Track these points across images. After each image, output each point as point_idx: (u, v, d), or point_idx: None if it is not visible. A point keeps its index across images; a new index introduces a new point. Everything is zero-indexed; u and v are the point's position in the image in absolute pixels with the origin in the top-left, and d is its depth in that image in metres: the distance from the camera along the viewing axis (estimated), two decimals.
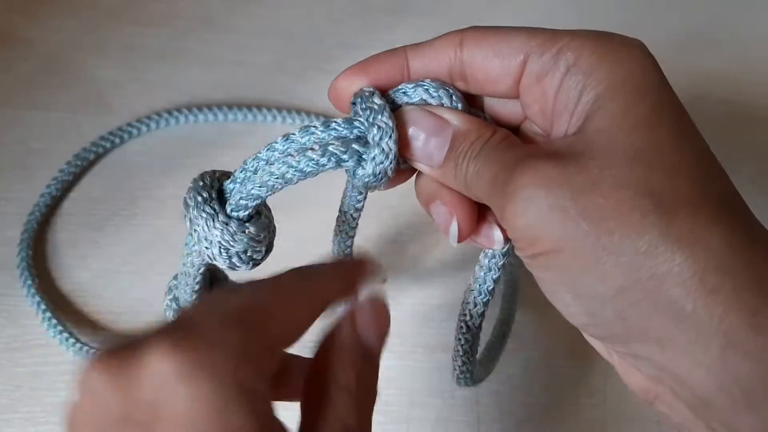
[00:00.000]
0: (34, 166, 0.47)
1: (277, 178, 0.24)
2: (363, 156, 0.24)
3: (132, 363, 0.17)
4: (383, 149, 0.24)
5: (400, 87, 0.25)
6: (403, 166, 0.25)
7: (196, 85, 0.52)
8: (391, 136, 0.24)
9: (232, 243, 0.24)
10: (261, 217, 0.25)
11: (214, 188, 0.25)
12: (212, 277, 0.28)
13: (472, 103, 0.26)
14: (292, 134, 0.24)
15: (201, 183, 0.25)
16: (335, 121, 0.24)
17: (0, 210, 0.45)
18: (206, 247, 0.24)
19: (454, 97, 0.25)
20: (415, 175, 0.27)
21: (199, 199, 0.24)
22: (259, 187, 0.24)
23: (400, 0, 0.59)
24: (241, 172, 0.25)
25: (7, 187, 0.46)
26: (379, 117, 0.24)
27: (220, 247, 0.24)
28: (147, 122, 0.49)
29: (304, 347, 0.23)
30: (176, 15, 0.55)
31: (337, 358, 0.22)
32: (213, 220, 0.24)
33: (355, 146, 0.24)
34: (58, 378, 0.40)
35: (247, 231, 0.24)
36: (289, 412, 0.22)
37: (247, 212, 0.24)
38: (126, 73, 0.52)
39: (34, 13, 0.53)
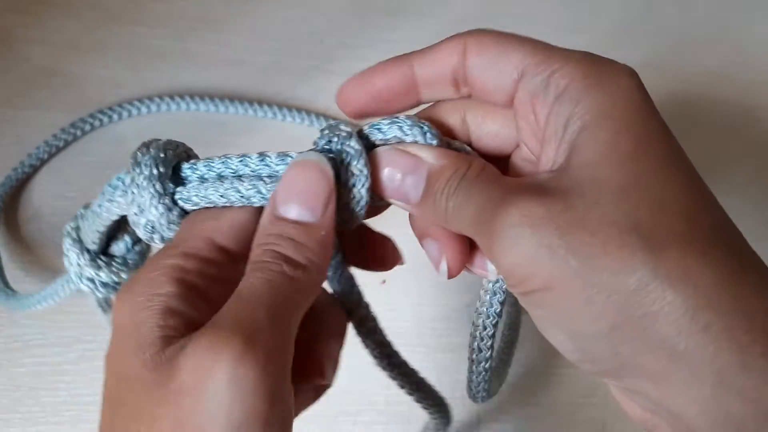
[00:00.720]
0: None
1: (241, 197, 0.23)
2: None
3: None
4: (355, 196, 0.24)
5: (375, 123, 0.25)
6: (379, 203, 0.25)
7: (196, 85, 0.52)
8: (364, 185, 0.24)
9: (164, 227, 0.23)
10: None
11: (172, 164, 0.24)
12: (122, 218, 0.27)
13: (461, 134, 0.26)
14: (268, 156, 0.24)
15: (163, 155, 0.23)
16: (292, 154, 0.24)
17: None
18: (135, 213, 0.23)
19: (428, 135, 0.25)
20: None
21: (155, 171, 0.23)
22: (220, 196, 0.23)
23: (400, 0, 0.59)
24: (205, 167, 0.24)
25: None
26: (354, 163, 0.23)
27: (147, 222, 0.23)
28: (139, 106, 0.50)
29: None
30: (176, 15, 0.55)
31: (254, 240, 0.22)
32: (158, 199, 0.23)
33: None
34: (58, 378, 0.40)
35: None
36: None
37: (193, 208, 0.24)
38: (126, 73, 0.52)
39: (34, 13, 0.53)
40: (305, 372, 0.25)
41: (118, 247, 0.27)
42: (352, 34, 0.56)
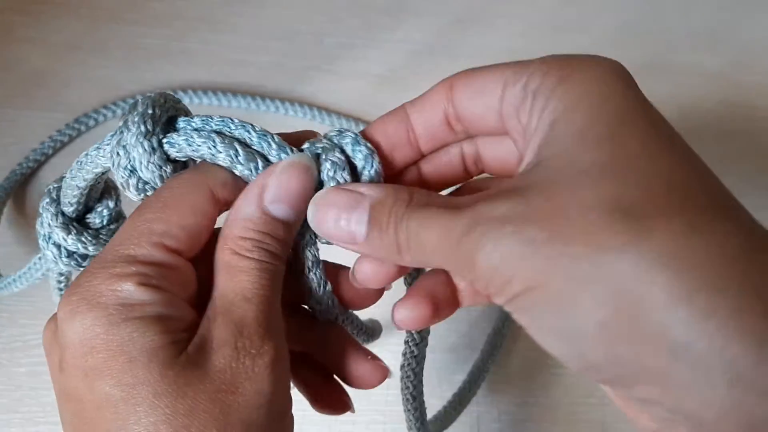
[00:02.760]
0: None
1: (233, 161, 0.23)
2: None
3: (54, 323, 0.22)
4: (338, 181, 0.24)
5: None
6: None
7: (196, 85, 0.52)
8: (345, 169, 0.24)
9: (142, 168, 0.23)
10: (185, 169, 0.25)
11: (169, 112, 0.24)
12: (105, 187, 0.27)
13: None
14: (270, 138, 0.24)
15: (163, 100, 0.24)
16: (289, 148, 0.24)
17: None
18: (118, 153, 0.23)
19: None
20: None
21: (149, 111, 0.23)
22: (210, 147, 0.23)
23: (400, 0, 0.59)
24: (202, 121, 0.24)
25: None
26: (331, 153, 0.24)
27: (129, 163, 0.23)
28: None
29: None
30: (176, 15, 0.55)
31: (226, 226, 0.23)
32: (144, 136, 0.23)
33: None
34: None
35: (163, 168, 0.24)
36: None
37: (177, 155, 0.24)
38: (126, 73, 0.52)
39: (34, 13, 0.53)
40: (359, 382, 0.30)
41: (93, 220, 0.27)
42: (352, 34, 0.56)
